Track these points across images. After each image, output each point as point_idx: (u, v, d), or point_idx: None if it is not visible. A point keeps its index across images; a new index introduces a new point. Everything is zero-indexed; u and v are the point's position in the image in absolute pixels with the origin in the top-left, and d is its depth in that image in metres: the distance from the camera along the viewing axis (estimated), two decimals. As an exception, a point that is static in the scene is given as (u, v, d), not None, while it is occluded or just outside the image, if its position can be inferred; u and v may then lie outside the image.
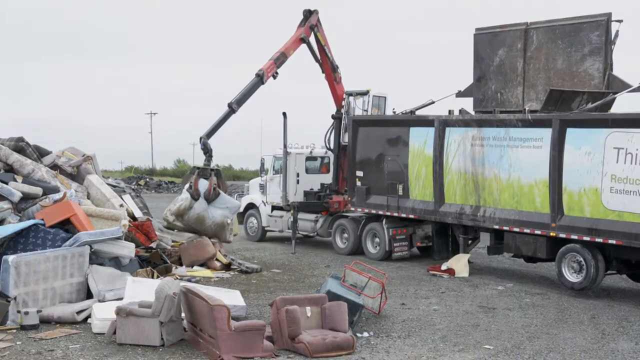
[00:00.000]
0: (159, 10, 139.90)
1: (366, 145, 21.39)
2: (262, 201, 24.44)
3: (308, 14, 22.85)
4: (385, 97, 23.05)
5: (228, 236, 19.51)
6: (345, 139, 22.59)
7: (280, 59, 21.98)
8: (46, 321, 12.71)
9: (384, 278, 14.28)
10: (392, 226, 20.63)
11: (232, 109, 20.95)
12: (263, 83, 21.55)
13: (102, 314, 12.28)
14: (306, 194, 23.42)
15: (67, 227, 15.13)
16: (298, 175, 23.46)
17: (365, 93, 22.70)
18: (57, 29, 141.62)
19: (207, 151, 20.24)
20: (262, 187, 24.46)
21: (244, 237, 25.07)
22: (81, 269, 14.03)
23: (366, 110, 22.47)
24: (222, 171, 20.11)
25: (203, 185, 19.36)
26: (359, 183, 21.50)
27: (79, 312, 12.93)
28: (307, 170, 23.88)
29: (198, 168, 19.98)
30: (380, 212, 20.80)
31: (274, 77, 21.90)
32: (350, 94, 23.00)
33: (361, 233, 21.34)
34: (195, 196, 19.19)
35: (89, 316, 12.84)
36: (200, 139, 20.51)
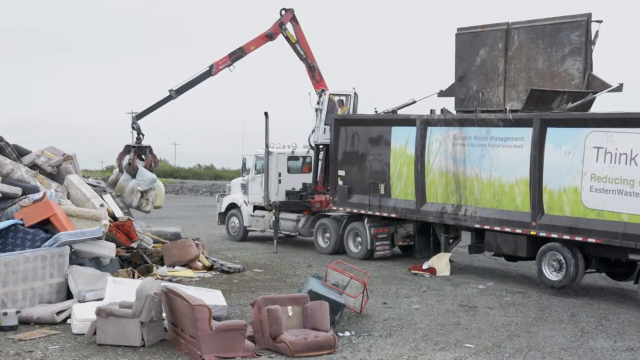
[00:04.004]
0: (150, 11, 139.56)
1: (348, 144, 21.39)
2: (244, 201, 24.37)
3: (283, 12, 23.12)
4: (349, 95, 22.96)
5: (135, 202, 20.59)
6: (318, 138, 22.61)
7: (236, 53, 23.05)
8: (25, 322, 12.61)
9: (366, 277, 14.30)
10: (374, 225, 20.64)
11: (170, 96, 22.58)
12: (212, 75, 22.81)
13: (82, 315, 12.19)
14: (288, 193, 23.38)
15: (46, 227, 15.01)
16: (280, 174, 23.42)
17: (320, 93, 22.95)
18: (45, 28, 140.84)
19: (138, 131, 22.11)
20: (244, 187, 24.41)
21: (226, 237, 25.02)
22: (61, 269, 13.92)
23: (320, 110, 22.58)
24: (155, 154, 21.78)
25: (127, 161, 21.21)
26: (341, 182, 21.50)
27: (58, 313, 12.83)
28: (289, 170, 23.84)
29: (127, 146, 21.44)
30: (362, 212, 20.80)
31: (230, 70, 23.10)
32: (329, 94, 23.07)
33: (343, 232, 21.33)
34: (121, 169, 21.15)
35: (68, 317, 12.74)
36: (132, 119, 22.38)
